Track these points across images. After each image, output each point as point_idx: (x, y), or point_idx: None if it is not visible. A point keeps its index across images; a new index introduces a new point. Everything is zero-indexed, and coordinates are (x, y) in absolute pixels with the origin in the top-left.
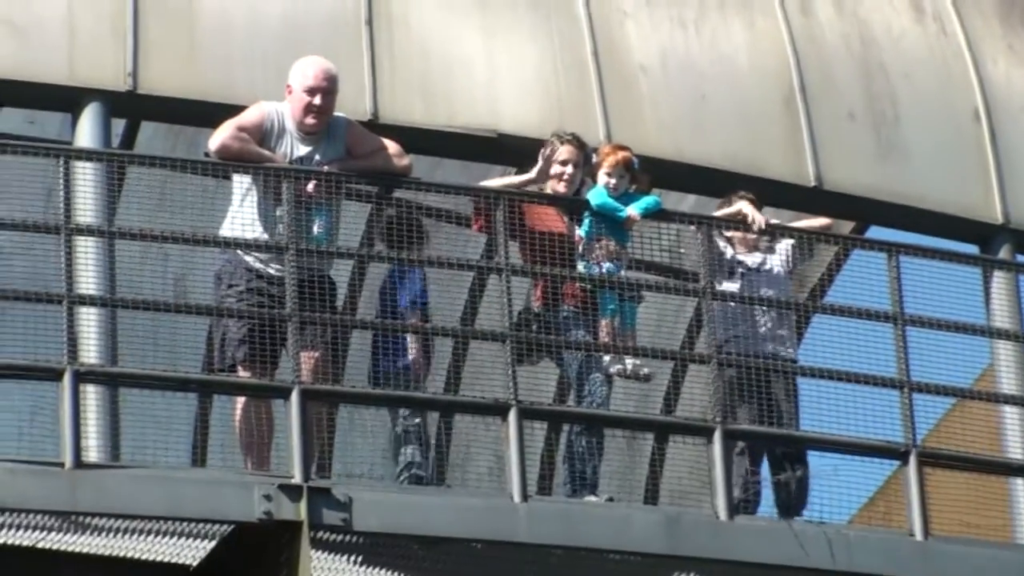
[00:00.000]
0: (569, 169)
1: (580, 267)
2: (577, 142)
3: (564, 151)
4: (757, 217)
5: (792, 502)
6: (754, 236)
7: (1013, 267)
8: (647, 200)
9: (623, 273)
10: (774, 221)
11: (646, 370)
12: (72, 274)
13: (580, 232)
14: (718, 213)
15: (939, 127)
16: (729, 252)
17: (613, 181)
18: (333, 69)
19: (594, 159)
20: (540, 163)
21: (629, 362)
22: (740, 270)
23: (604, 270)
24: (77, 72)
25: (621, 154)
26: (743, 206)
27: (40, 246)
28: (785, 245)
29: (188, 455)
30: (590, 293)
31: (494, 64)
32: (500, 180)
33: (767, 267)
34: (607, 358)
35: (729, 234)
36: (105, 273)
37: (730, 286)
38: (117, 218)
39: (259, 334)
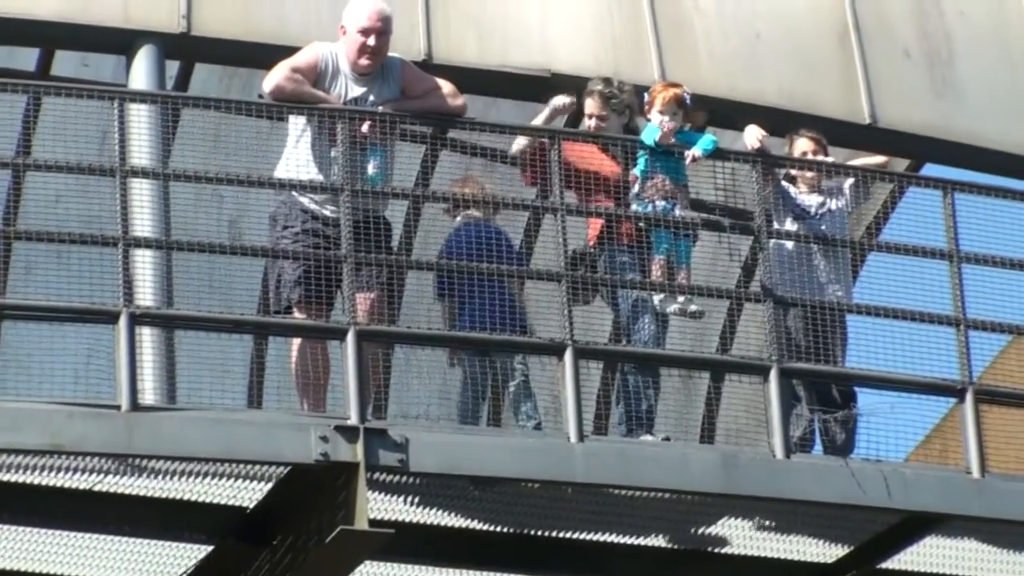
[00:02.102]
0: (593, 123)
1: (634, 207)
2: (602, 95)
3: (589, 104)
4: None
5: (843, 444)
6: (815, 176)
7: None
8: (704, 141)
9: (678, 211)
10: (831, 159)
11: (694, 307)
12: (127, 217)
13: (635, 172)
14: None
15: (993, 65)
16: (792, 191)
17: (666, 118)
18: (387, 9)
19: (646, 98)
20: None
21: (681, 299)
22: (806, 209)
23: (658, 208)
24: (132, 14)
25: (673, 91)
26: (802, 144)
27: (95, 189)
28: (846, 185)
29: (244, 397)
30: (644, 232)
31: (547, 3)
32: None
33: (828, 207)
34: (658, 297)
35: (793, 174)
36: (160, 215)
37: (792, 228)
38: (172, 160)
39: (314, 275)
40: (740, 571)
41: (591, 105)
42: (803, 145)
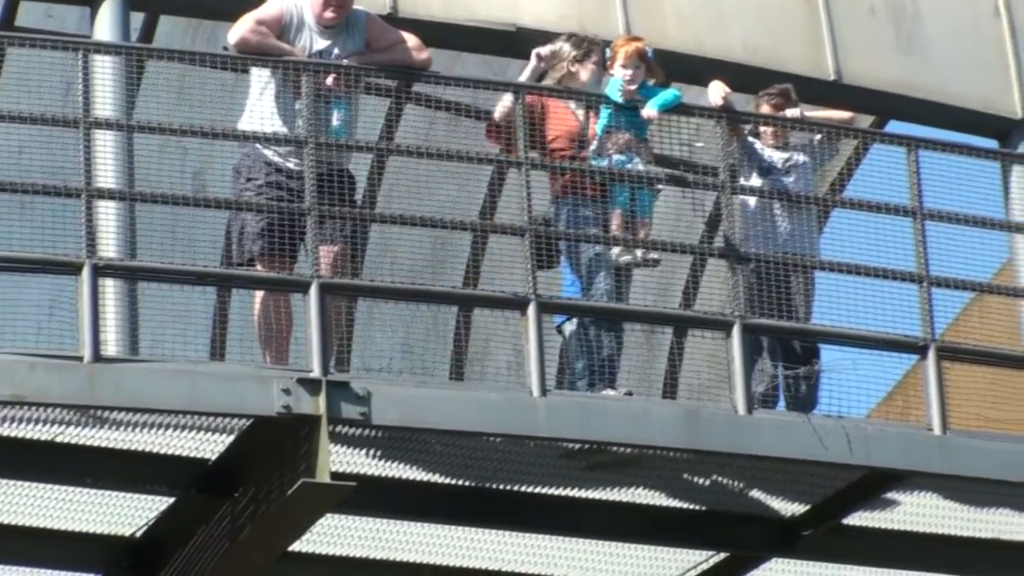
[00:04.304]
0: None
1: (591, 161)
2: (576, 42)
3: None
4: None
5: (805, 399)
6: (779, 131)
7: None
8: (665, 95)
9: (637, 164)
10: (795, 113)
11: (653, 254)
12: (91, 168)
13: (596, 127)
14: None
15: (959, 22)
16: (758, 145)
17: (629, 72)
18: None
19: (607, 53)
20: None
21: (638, 251)
22: (769, 164)
23: (615, 162)
24: None
25: (634, 44)
26: (764, 111)
27: (59, 140)
28: (815, 139)
29: (207, 349)
30: (601, 186)
31: None
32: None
33: (794, 162)
34: (616, 249)
35: (759, 129)
36: (124, 167)
37: (756, 183)
38: (136, 112)
39: (277, 228)
40: (701, 526)
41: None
42: (765, 111)
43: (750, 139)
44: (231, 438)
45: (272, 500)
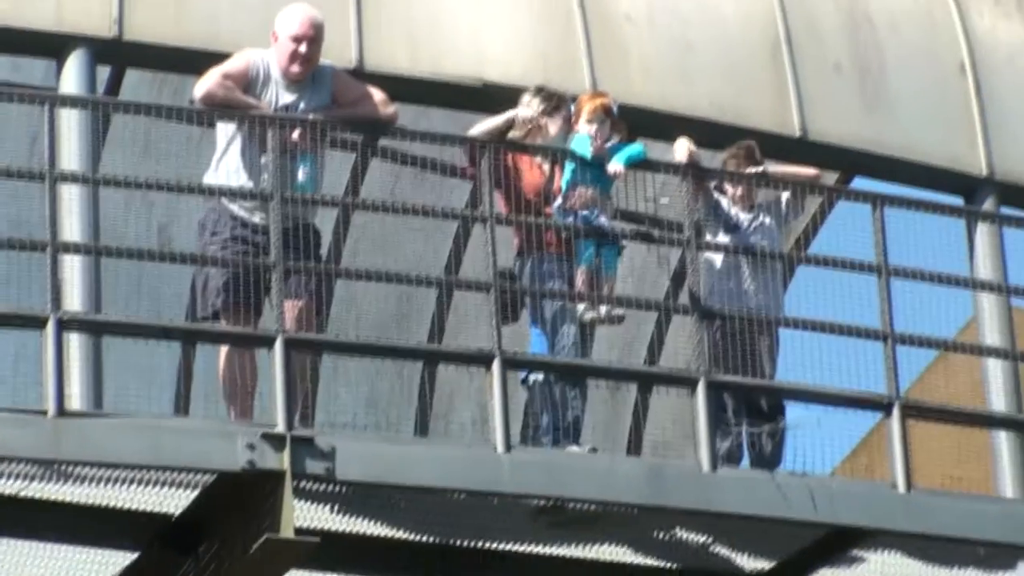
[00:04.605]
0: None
1: (555, 217)
2: (547, 95)
3: (536, 105)
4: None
5: (770, 457)
6: (744, 194)
7: (997, 219)
8: (630, 150)
9: (602, 220)
10: (760, 169)
11: (619, 311)
12: (56, 221)
13: (560, 182)
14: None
15: (925, 79)
16: (725, 204)
17: (594, 127)
18: (319, 17)
19: (572, 108)
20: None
21: (603, 308)
22: (735, 223)
23: (579, 219)
24: (63, 18)
25: (600, 100)
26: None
27: (24, 193)
28: (783, 198)
29: (171, 404)
30: (566, 242)
31: (480, 12)
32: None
33: (760, 221)
34: (581, 306)
35: (726, 188)
36: (89, 221)
37: (723, 240)
38: (102, 165)
39: (241, 283)
40: None
41: (537, 106)
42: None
43: (716, 195)
44: (195, 493)
45: (236, 556)
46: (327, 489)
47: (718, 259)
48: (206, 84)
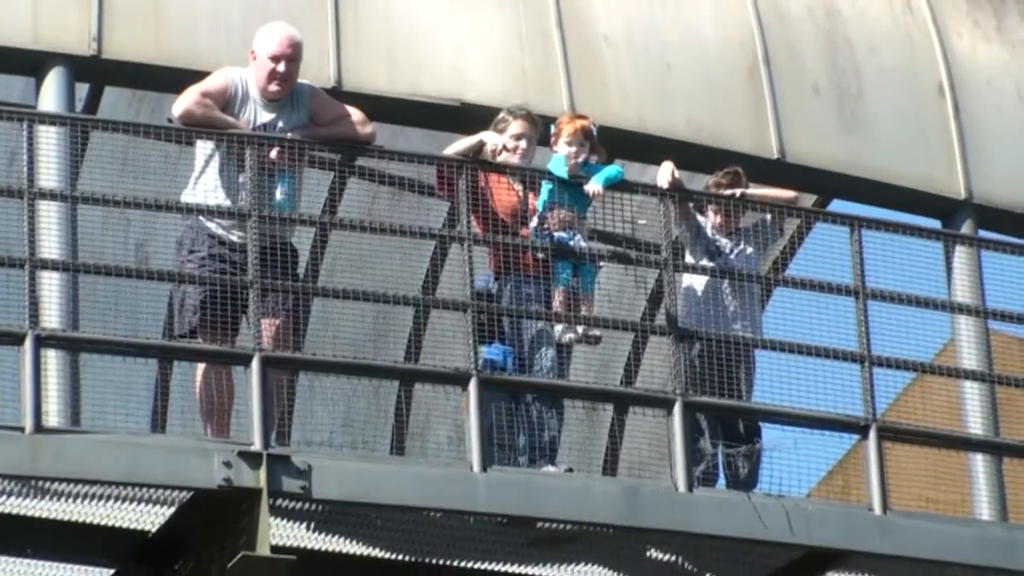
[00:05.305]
0: (523, 144)
1: (532, 238)
2: (529, 116)
3: (517, 125)
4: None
5: (746, 478)
6: (725, 220)
7: (975, 242)
8: (608, 171)
9: (578, 241)
10: (738, 192)
11: (596, 331)
12: (34, 238)
13: (536, 203)
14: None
15: (903, 101)
16: (708, 227)
17: (573, 149)
18: (297, 36)
19: (552, 130)
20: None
21: (580, 328)
22: (717, 248)
23: (555, 240)
24: (41, 36)
25: (579, 122)
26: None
27: (2, 210)
28: (762, 226)
29: (148, 421)
30: (543, 264)
31: (458, 33)
32: (453, 146)
33: (741, 249)
34: (559, 327)
35: (708, 212)
36: (67, 238)
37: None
38: (80, 183)
39: (217, 301)
40: None
41: (519, 126)
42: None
43: (699, 218)
44: (171, 510)
45: (212, 573)
46: (303, 507)
47: (699, 286)
48: (184, 102)
